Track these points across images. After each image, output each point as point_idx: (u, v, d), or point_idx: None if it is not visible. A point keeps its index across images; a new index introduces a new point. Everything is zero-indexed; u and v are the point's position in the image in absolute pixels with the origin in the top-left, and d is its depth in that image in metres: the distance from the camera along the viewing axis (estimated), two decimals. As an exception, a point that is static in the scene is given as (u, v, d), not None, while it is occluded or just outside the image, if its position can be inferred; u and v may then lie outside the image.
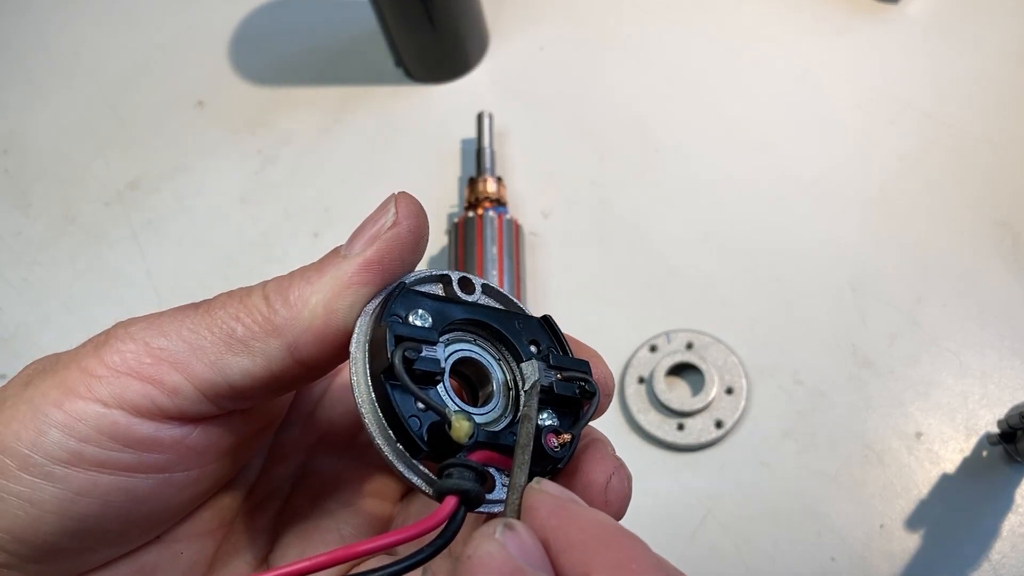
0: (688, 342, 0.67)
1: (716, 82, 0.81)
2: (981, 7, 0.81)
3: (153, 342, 0.27)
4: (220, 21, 0.93)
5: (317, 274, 0.28)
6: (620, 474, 0.29)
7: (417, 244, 0.29)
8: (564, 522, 0.24)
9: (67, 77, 0.92)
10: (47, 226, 0.82)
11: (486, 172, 0.74)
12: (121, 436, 0.26)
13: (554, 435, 0.28)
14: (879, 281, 0.69)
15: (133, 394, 0.26)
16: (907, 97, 0.77)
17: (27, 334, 0.77)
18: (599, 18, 0.87)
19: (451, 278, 0.31)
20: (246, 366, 0.27)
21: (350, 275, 0.28)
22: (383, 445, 0.26)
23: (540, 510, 0.25)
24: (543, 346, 0.31)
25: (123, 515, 0.27)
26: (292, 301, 0.27)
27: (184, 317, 0.28)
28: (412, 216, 0.29)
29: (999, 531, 0.58)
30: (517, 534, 0.23)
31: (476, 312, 0.30)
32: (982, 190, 0.71)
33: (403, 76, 0.86)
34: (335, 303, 0.27)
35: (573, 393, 0.30)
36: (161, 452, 0.27)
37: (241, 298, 0.28)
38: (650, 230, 0.74)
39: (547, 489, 0.26)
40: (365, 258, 0.28)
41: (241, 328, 0.27)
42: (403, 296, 0.28)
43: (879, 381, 0.64)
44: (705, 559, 0.60)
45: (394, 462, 0.27)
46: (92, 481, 0.26)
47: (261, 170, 0.83)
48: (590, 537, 0.23)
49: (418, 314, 0.28)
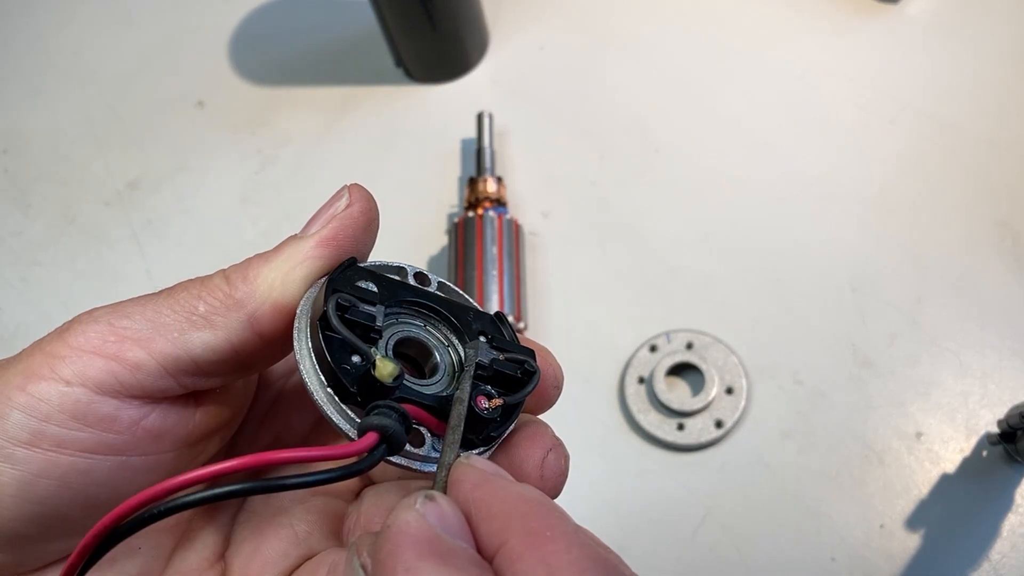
0: (688, 342, 0.67)
1: (716, 82, 0.81)
2: (981, 7, 0.81)
3: (117, 323, 0.28)
4: (220, 21, 0.93)
5: (275, 253, 0.30)
6: (557, 451, 0.30)
7: (369, 224, 0.31)
8: (487, 494, 0.24)
9: (67, 77, 0.92)
10: (47, 226, 0.82)
11: (486, 172, 0.74)
12: (81, 414, 0.27)
13: (485, 397, 0.29)
14: (879, 281, 0.69)
15: (96, 371, 0.27)
16: (907, 97, 0.77)
17: (27, 334, 0.77)
18: (599, 18, 0.87)
19: (407, 271, 0.32)
20: (208, 339, 0.28)
21: (305, 251, 0.30)
22: (315, 390, 0.27)
23: (464, 483, 0.25)
24: (492, 336, 0.31)
25: (82, 499, 0.28)
26: (251, 278, 0.29)
27: (147, 300, 0.29)
28: (364, 199, 0.31)
29: (999, 531, 0.58)
30: (437, 504, 0.24)
31: (429, 297, 0.31)
32: (982, 190, 0.71)
33: (403, 76, 0.86)
34: (291, 275, 0.29)
35: (514, 372, 0.30)
36: (119, 432, 0.28)
37: (202, 281, 0.29)
38: (650, 230, 0.74)
39: (474, 463, 0.26)
40: (320, 236, 0.30)
41: (203, 305, 0.28)
42: (353, 268, 0.30)
43: (879, 381, 0.64)
44: (705, 559, 0.60)
45: (323, 405, 0.27)
46: (52, 462, 0.27)
47: (261, 170, 0.83)
48: (510, 508, 0.24)
49: (366, 283, 0.30)
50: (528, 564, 0.22)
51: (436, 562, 0.22)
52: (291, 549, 0.32)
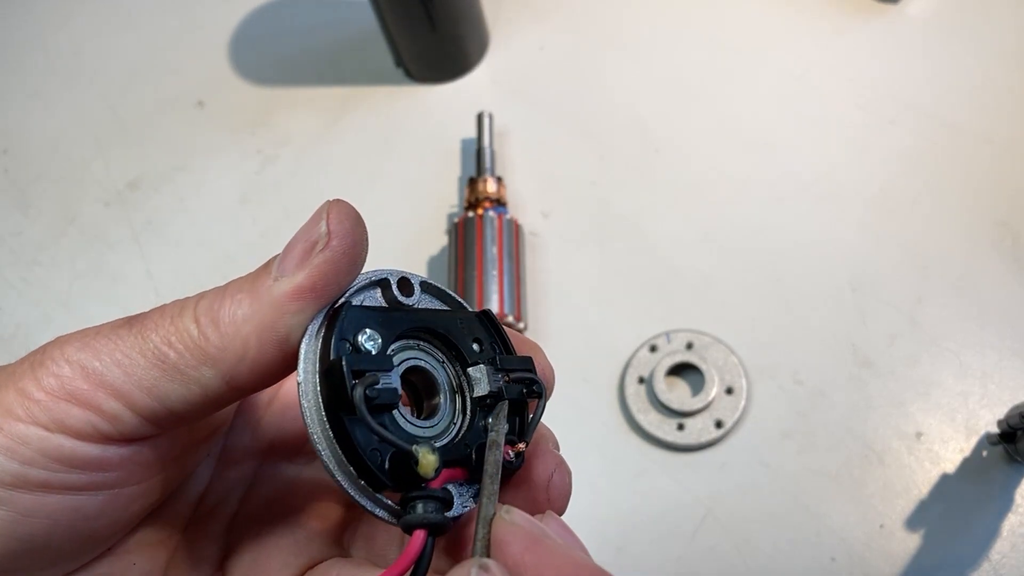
0: (688, 342, 0.67)
1: (716, 82, 0.81)
2: (981, 7, 0.81)
3: (88, 365, 0.26)
4: (220, 21, 0.93)
5: (248, 296, 0.26)
6: (561, 471, 0.29)
7: (353, 264, 0.27)
8: (538, 559, 0.24)
9: (67, 77, 0.92)
10: (47, 226, 0.82)
11: (486, 172, 0.74)
12: (67, 458, 0.26)
13: (510, 447, 0.29)
14: (879, 281, 0.69)
15: (74, 420, 0.25)
16: (907, 97, 0.77)
17: (27, 334, 0.77)
18: (599, 18, 0.87)
19: (390, 281, 0.29)
20: (182, 393, 0.26)
21: (282, 302, 0.26)
22: (344, 481, 0.26)
23: (512, 544, 0.24)
24: (485, 344, 0.31)
25: (73, 533, 0.27)
26: (223, 328, 0.26)
27: (118, 339, 0.26)
28: (346, 235, 0.26)
29: (999, 531, 0.58)
30: (492, 575, 0.23)
31: (422, 318, 0.30)
32: (982, 190, 0.71)
33: (403, 76, 0.86)
34: (268, 333, 0.26)
35: (520, 395, 0.30)
36: (109, 470, 0.27)
37: (172, 319, 0.27)
38: (650, 230, 0.74)
39: (517, 521, 0.25)
40: (296, 284, 0.26)
41: (173, 354, 0.26)
42: (349, 316, 0.27)
43: (879, 381, 0.64)
44: (705, 559, 0.60)
45: (357, 498, 0.26)
46: (39, 502, 0.26)
47: (261, 170, 0.83)
48: (565, 574, 0.23)
49: (367, 334, 0.27)
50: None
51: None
52: (292, 558, 0.31)
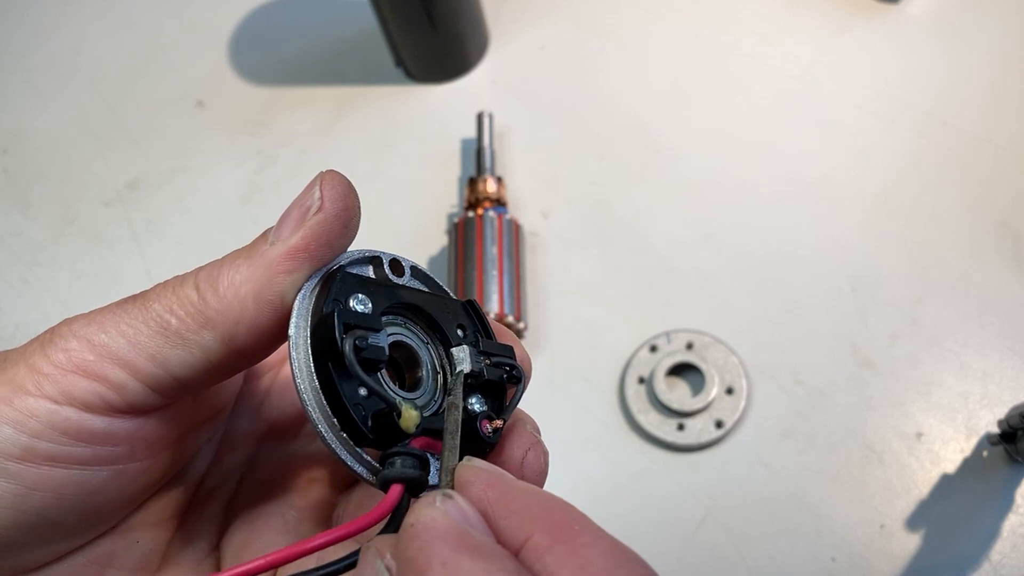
0: (688, 342, 0.67)
1: (716, 82, 0.81)
2: (981, 7, 0.81)
3: (95, 338, 0.27)
4: (220, 21, 0.93)
5: (245, 261, 0.28)
6: (536, 450, 0.30)
7: (345, 228, 0.28)
8: (501, 492, 0.24)
9: (67, 77, 0.92)
10: (47, 226, 0.82)
11: (486, 172, 0.74)
12: (73, 431, 0.26)
13: (487, 421, 0.29)
14: (879, 281, 0.68)
15: (82, 392, 0.26)
16: (907, 97, 0.77)
17: (27, 334, 0.76)
18: (599, 18, 0.87)
19: (382, 259, 0.31)
20: (184, 358, 0.27)
21: (277, 263, 0.27)
22: (326, 432, 0.26)
23: (475, 483, 0.25)
24: (469, 331, 0.32)
25: (78, 508, 0.27)
26: (222, 291, 0.27)
27: (123, 312, 0.28)
28: (338, 199, 0.28)
29: (999, 531, 0.58)
30: (456, 502, 0.24)
31: (411, 296, 0.31)
32: (982, 190, 0.71)
33: (403, 76, 0.86)
34: (265, 293, 0.27)
35: (500, 378, 0.31)
36: (115, 444, 0.27)
37: (174, 288, 0.28)
38: (650, 230, 0.74)
39: (478, 464, 0.26)
40: (291, 245, 0.28)
41: (175, 320, 0.27)
42: (343, 279, 0.28)
43: (879, 381, 0.64)
44: (705, 559, 0.60)
45: (338, 450, 0.26)
46: (46, 476, 0.26)
47: (261, 170, 0.83)
48: (529, 504, 0.24)
49: (358, 298, 0.28)
50: (558, 556, 0.22)
51: (471, 555, 0.22)
52: (280, 537, 0.32)
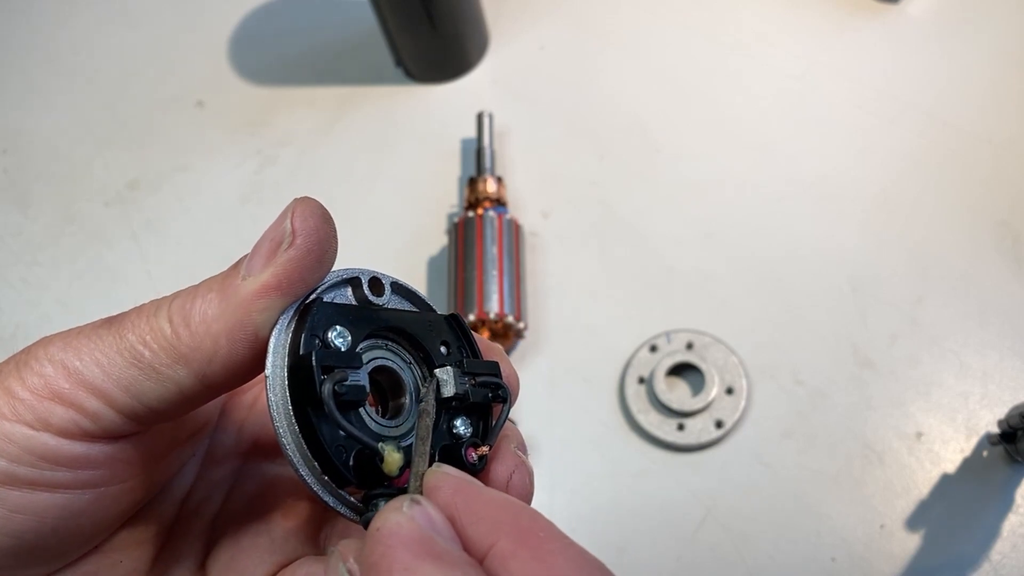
0: (688, 342, 0.67)
1: (716, 82, 0.81)
2: (981, 7, 0.81)
3: (70, 364, 0.26)
4: (220, 21, 0.93)
5: (218, 295, 0.27)
6: (521, 471, 0.30)
7: (319, 262, 0.27)
8: (469, 498, 0.25)
9: (67, 77, 0.92)
10: (47, 226, 0.82)
11: (486, 172, 0.74)
12: (52, 456, 0.26)
13: (473, 449, 0.29)
14: (879, 281, 0.68)
15: (58, 419, 0.26)
16: (907, 97, 0.77)
17: (27, 334, 0.77)
18: (599, 18, 0.87)
19: (361, 279, 0.30)
20: (159, 391, 0.27)
21: (249, 300, 0.26)
22: (308, 476, 0.26)
23: (443, 488, 0.25)
24: (453, 347, 0.31)
25: (60, 530, 0.27)
26: (194, 328, 0.26)
27: (98, 338, 0.27)
28: (311, 232, 0.27)
29: (999, 531, 0.58)
30: (424, 508, 0.24)
31: (392, 318, 0.30)
32: (982, 190, 0.71)
33: (403, 76, 0.86)
34: (237, 332, 0.26)
35: (485, 399, 0.31)
36: (95, 468, 0.27)
37: (148, 318, 0.27)
38: (650, 230, 0.74)
39: (447, 471, 0.26)
40: (262, 283, 0.27)
41: (148, 353, 0.26)
42: (319, 311, 0.27)
43: (879, 381, 0.64)
44: (705, 559, 0.60)
45: (320, 493, 0.26)
46: (27, 499, 0.26)
47: (261, 170, 0.83)
48: (496, 510, 0.24)
49: (336, 331, 0.27)
50: (522, 561, 0.22)
51: (433, 562, 0.22)
52: (267, 556, 0.31)
